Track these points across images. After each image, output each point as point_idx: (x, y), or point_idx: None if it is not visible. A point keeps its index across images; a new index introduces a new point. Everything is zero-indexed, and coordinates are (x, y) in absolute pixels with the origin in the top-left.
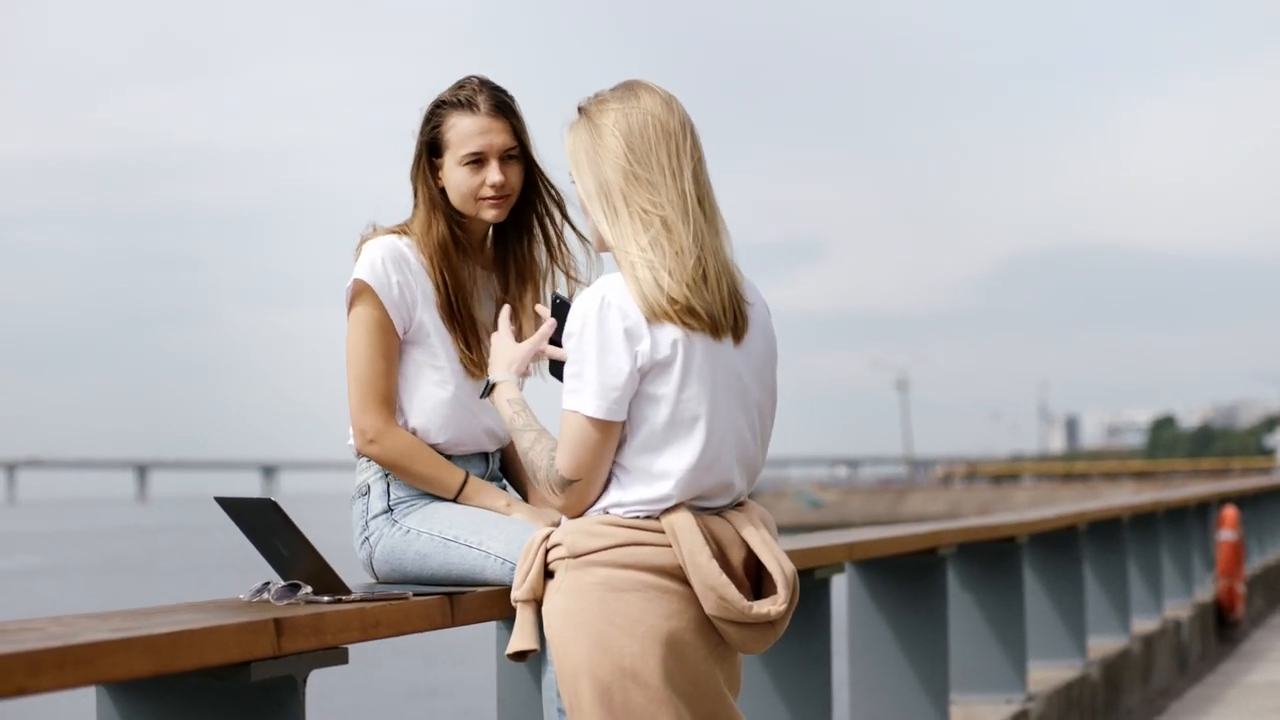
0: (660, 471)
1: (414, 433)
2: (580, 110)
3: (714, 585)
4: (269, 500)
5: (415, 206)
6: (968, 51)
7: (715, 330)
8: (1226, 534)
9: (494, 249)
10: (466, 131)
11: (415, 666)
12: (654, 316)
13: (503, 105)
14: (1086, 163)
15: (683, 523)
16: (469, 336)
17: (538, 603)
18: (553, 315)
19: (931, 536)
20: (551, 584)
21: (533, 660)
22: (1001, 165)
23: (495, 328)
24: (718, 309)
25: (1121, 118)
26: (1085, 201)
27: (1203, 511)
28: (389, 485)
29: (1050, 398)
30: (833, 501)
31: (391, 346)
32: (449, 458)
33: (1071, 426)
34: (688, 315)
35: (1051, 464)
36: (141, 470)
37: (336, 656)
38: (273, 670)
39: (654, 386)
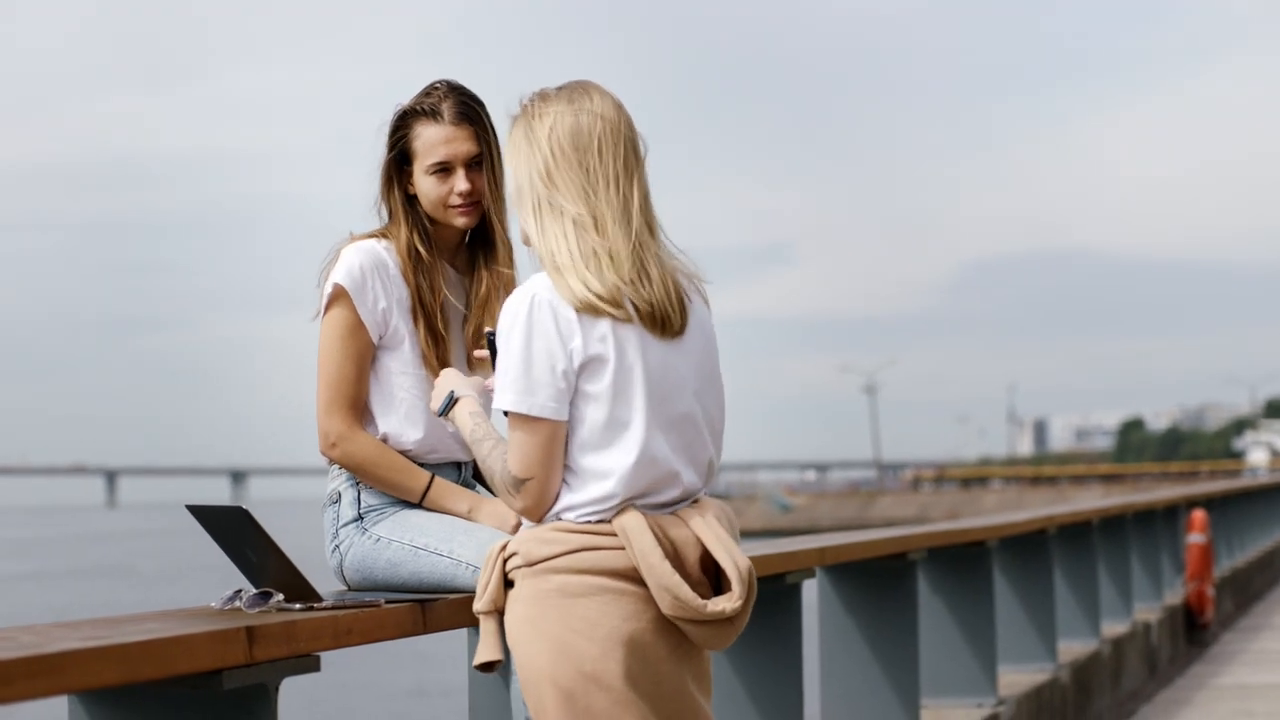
0: (604, 469)
1: (385, 438)
2: (523, 105)
3: (667, 585)
4: (240, 508)
5: (387, 214)
6: (937, 57)
7: (652, 326)
8: (1196, 537)
9: (469, 253)
10: (431, 141)
11: (388, 673)
12: (584, 311)
13: (468, 112)
14: (1055, 167)
15: (633, 524)
16: (439, 342)
17: (500, 613)
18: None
19: (902, 541)
20: (511, 593)
21: (502, 669)
22: (970, 169)
23: (467, 334)
24: (660, 304)
25: (1091, 122)
26: (1054, 205)
27: (1172, 515)
28: (359, 493)
29: (1018, 401)
30: (802, 505)
31: (363, 352)
32: (422, 465)
33: (1040, 430)
34: (617, 309)
35: (1020, 467)
36: (111, 476)
37: (309, 664)
38: (245, 678)
39: (589, 384)
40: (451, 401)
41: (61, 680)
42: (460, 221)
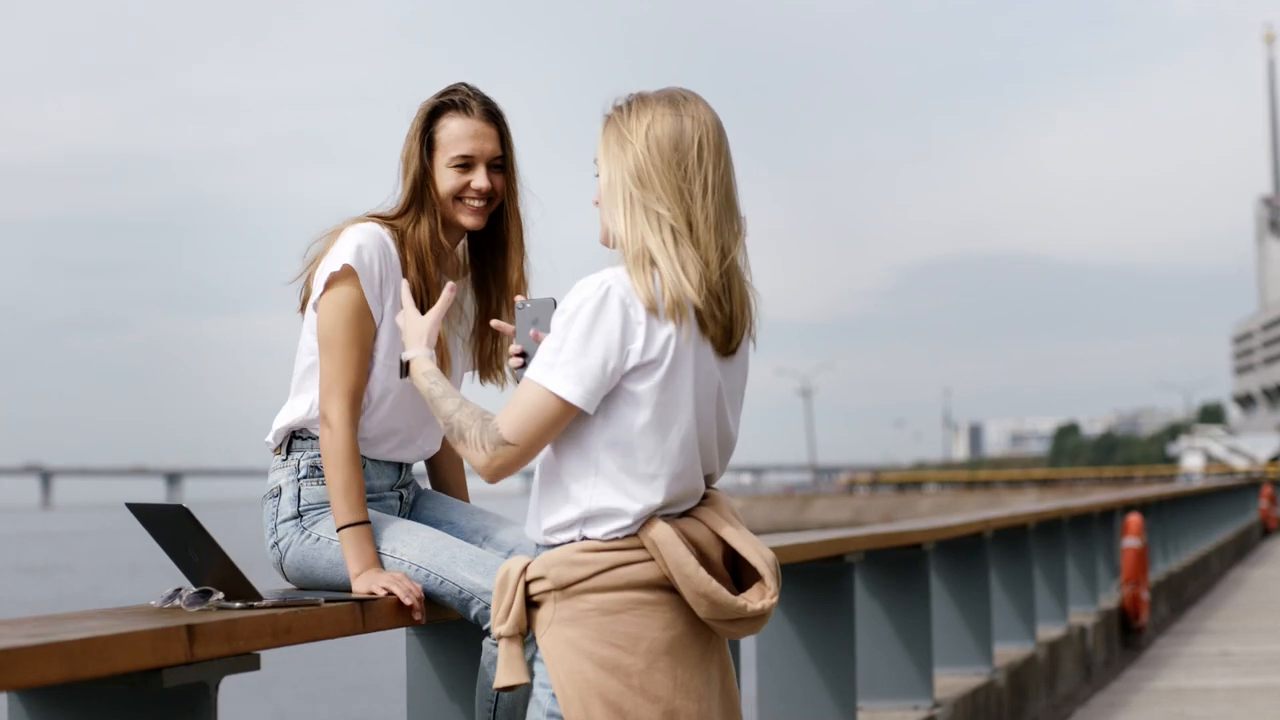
0: (637, 472)
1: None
2: (617, 106)
3: (705, 593)
4: (181, 507)
5: (404, 204)
6: (874, 63)
7: (717, 343)
8: (1131, 541)
9: (470, 258)
10: (458, 134)
11: (327, 672)
12: (656, 313)
13: (495, 112)
14: (992, 173)
15: (662, 535)
16: (441, 344)
17: (521, 635)
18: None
19: (839, 543)
20: (541, 615)
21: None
22: (906, 174)
23: (463, 342)
24: (730, 322)
25: (1028, 128)
26: (990, 211)
27: (1107, 519)
28: (300, 490)
29: (954, 405)
30: (737, 509)
31: (367, 335)
32: (365, 457)
33: (975, 434)
34: (697, 319)
35: (955, 472)
36: (46, 477)
37: (249, 662)
38: (185, 676)
39: (637, 384)
40: (405, 365)
41: (2, 677)
42: (469, 221)
